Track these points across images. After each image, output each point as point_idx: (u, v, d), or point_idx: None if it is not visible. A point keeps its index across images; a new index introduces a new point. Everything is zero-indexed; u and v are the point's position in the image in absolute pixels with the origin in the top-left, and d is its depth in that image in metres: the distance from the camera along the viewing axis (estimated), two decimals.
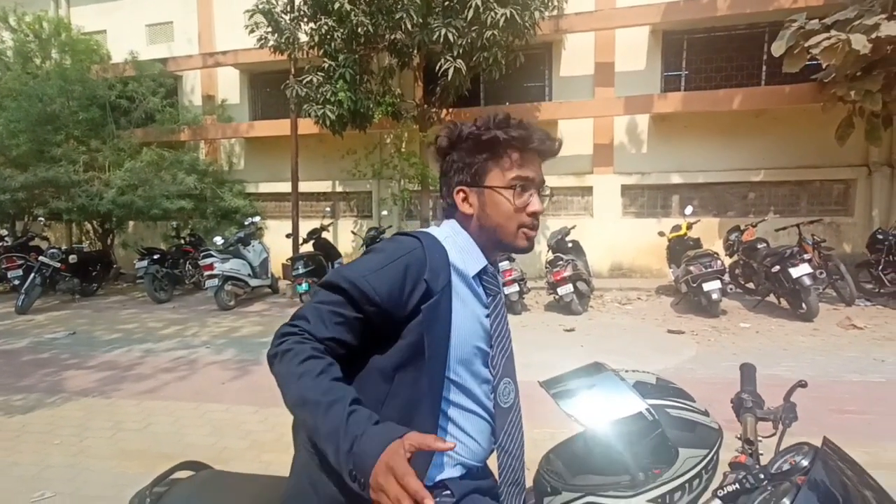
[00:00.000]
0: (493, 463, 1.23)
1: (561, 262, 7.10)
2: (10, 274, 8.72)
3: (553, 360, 4.99)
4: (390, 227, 9.34)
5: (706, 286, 6.56)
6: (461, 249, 1.17)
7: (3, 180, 9.05)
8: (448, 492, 1.11)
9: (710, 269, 6.56)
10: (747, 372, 1.47)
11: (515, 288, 7.05)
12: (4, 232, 10.97)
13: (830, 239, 8.09)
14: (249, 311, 7.95)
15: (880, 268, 6.93)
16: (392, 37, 7.69)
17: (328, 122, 8.18)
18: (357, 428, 0.87)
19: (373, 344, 1.08)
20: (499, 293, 1.21)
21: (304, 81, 8.24)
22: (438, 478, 1.12)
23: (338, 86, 7.96)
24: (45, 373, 5.09)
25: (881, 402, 3.86)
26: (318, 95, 8.11)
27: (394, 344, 1.07)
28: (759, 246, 7.28)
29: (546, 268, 7.56)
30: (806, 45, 6.75)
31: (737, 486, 1.07)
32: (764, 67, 9.12)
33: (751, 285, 7.60)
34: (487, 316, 1.17)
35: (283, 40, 8.35)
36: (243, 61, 10.69)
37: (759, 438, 1.28)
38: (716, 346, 5.45)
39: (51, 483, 3.03)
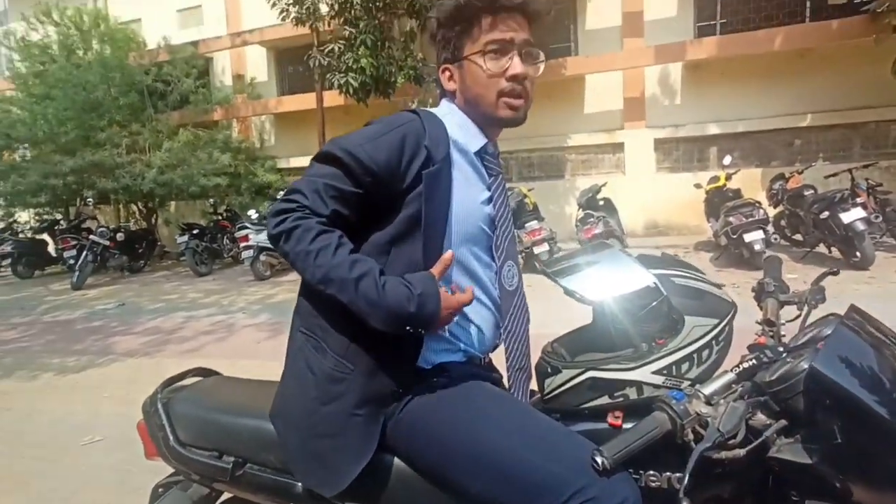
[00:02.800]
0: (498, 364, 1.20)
1: (592, 220, 6.92)
2: (65, 254, 9.23)
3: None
4: None
5: (747, 237, 6.22)
6: (459, 125, 1.13)
7: (54, 166, 9.50)
8: (446, 373, 1.09)
9: (751, 219, 6.21)
10: (772, 263, 1.38)
11: (546, 247, 6.89)
12: (59, 216, 11.62)
13: (888, 184, 7.51)
14: (284, 280, 8.14)
15: None
16: None
17: (351, 90, 8.19)
18: (399, 293, 0.95)
19: (372, 220, 1.05)
20: (500, 174, 1.17)
21: (327, 51, 8.27)
22: (438, 362, 1.10)
23: (359, 52, 7.92)
24: (96, 338, 5.38)
25: None
26: (341, 64, 8.12)
27: (393, 218, 1.04)
28: (806, 193, 6.83)
29: (577, 226, 7.40)
30: None
31: (754, 361, 0.99)
32: (808, 4, 8.48)
33: (798, 237, 7.18)
34: (490, 197, 1.13)
35: (303, 11, 8.34)
36: (269, 38, 10.81)
37: (782, 322, 1.20)
38: None
39: (100, 429, 3.21)
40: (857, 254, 5.83)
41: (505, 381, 1.20)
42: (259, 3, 10.38)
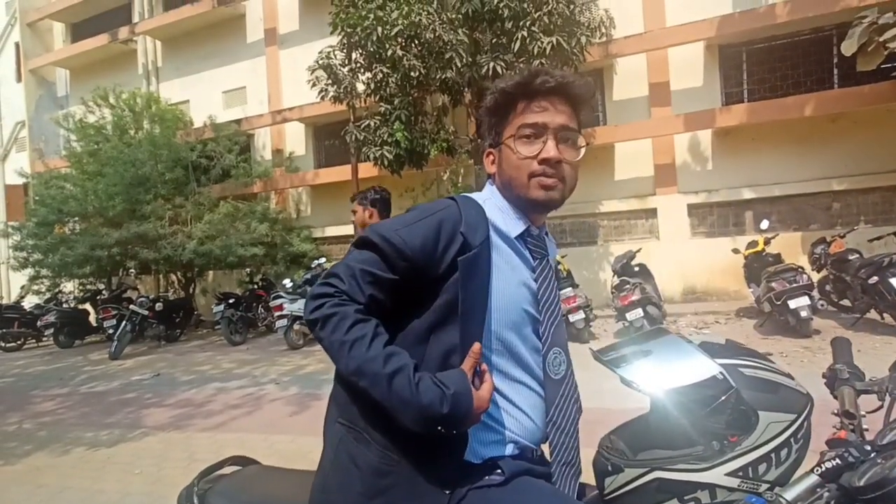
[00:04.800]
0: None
1: (628, 286, 6.77)
2: (105, 324, 9.48)
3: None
4: None
5: (792, 303, 5.98)
6: (500, 209, 1.13)
7: (101, 238, 9.95)
8: (499, 470, 1.03)
9: (795, 285, 6.00)
10: (841, 345, 1.29)
11: (581, 315, 6.76)
12: (101, 286, 12.04)
13: None
14: (316, 349, 8.10)
15: None
16: (443, 76, 7.94)
17: (386, 163, 8.48)
18: (432, 392, 0.92)
19: (410, 306, 1.04)
20: (546, 256, 1.15)
21: (363, 126, 8.65)
22: (489, 456, 1.05)
23: (394, 127, 8.27)
24: (129, 410, 5.39)
25: None
26: (376, 138, 8.46)
27: (430, 305, 1.02)
28: (851, 257, 6.60)
29: (612, 293, 7.25)
30: (881, 39, 6.31)
31: (838, 460, 0.91)
32: (835, 70, 8.57)
33: (846, 302, 6.86)
34: (535, 280, 1.11)
35: (341, 91, 8.84)
36: (307, 115, 11.44)
37: (863, 413, 1.10)
38: (810, 366, 4.91)
39: None
40: None
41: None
42: (298, 81, 11.12)
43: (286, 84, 12.40)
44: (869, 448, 0.93)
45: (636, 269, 7.46)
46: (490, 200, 1.14)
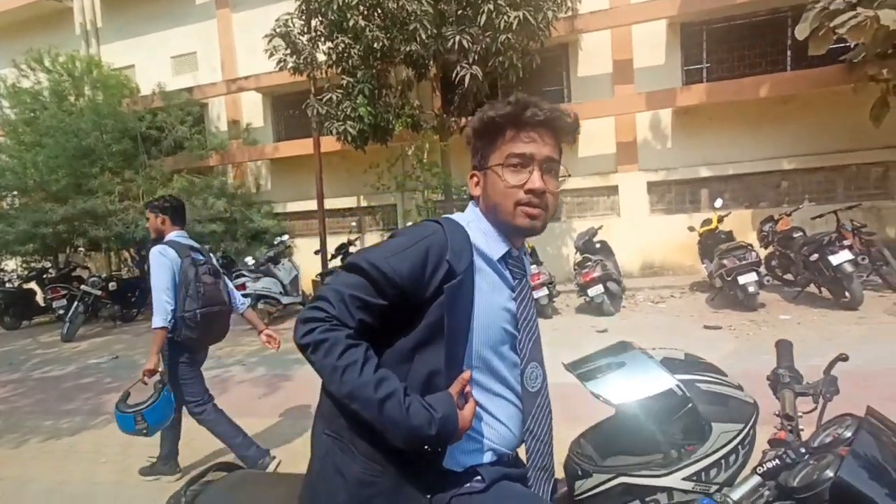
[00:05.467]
0: (522, 452, 1.21)
1: (589, 263, 7.00)
2: (55, 304, 9.09)
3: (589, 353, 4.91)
4: None
5: (741, 279, 6.36)
6: (484, 233, 1.17)
7: (44, 214, 9.44)
8: (479, 477, 1.11)
9: (744, 262, 6.35)
10: (784, 348, 1.41)
11: (545, 291, 6.96)
12: (48, 264, 11.48)
13: (871, 224, 7.70)
14: (282, 328, 8.05)
15: None
16: (407, 49, 7.78)
17: (350, 138, 8.32)
18: (421, 416, 0.99)
19: (396, 326, 1.08)
20: (524, 277, 1.21)
21: (325, 100, 8.41)
22: (470, 464, 1.11)
23: (357, 101, 8.09)
24: (88, 396, 5.26)
25: None
26: (339, 112, 8.26)
27: (416, 326, 1.07)
28: (796, 235, 7.02)
29: (574, 269, 7.47)
30: (831, 25, 6.54)
31: (777, 461, 1.02)
32: (789, 53, 8.86)
33: (789, 276, 7.32)
34: (514, 299, 1.17)
35: (301, 61, 8.55)
36: (265, 85, 10.98)
37: (799, 414, 1.23)
38: (755, 339, 5.26)
39: (99, 500, 3.13)
40: (847, 294, 5.97)
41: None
42: (254, 49, 10.63)
43: (241, 51, 11.84)
44: (803, 450, 1.04)
45: (598, 245, 7.70)
46: (474, 223, 1.18)
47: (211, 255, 3.54)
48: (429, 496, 1.07)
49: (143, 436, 2.89)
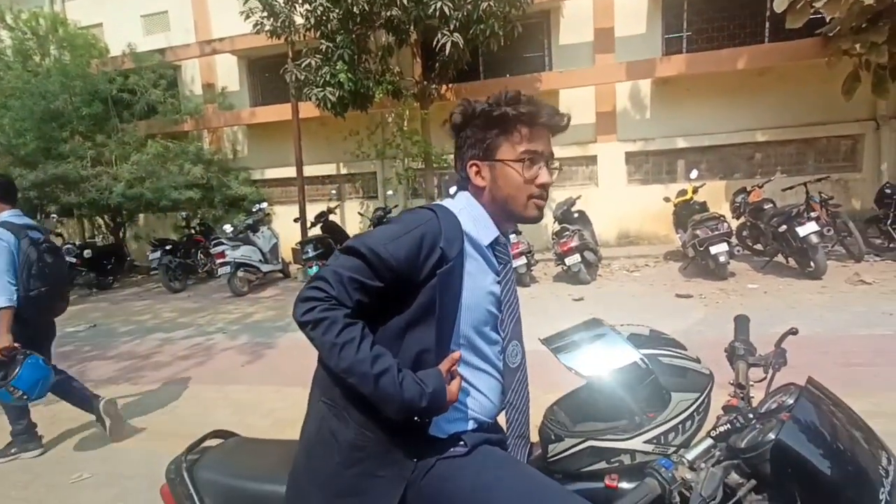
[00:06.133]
0: (502, 420, 1.32)
1: (567, 233, 7.13)
2: None
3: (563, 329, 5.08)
4: (396, 206, 9.40)
5: (713, 249, 6.57)
6: (475, 220, 1.25)
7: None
8: (462, 442, 1.22)
9: (716, 232, 6.56)
10: (741, 323, 1.54)
11: (523, 260, 7.09)
12: None
13: (838, 196, 8.02)
14: (262, 296, 8.10)
15: (889, 222, 6.89)
16: (388, 14, 7.62)
17: (329, 105, 8.19)
18: (413, 390, 1.09)
19: (390, 305, 1.17)
20: (509, 262, 1.30)
21: (303, 65, 8.22)
22: (453, 431, 1.22)
23: (337, 67, 7.94)
24: (68, 365, 5.21)
25: (888, 353, 3.91)
26: (318, 78, 8.10)
27: (409, 305, 1.16)
28: (766, 206, 7.25)
29: (553, 239, 7.61)
30: None
31: (728, 426, 1.14)
32: (767, 25, 8.92)
33: (759, 247, 7.59)
34: (498, 283, 1.26)
35: (278, 24, 8.30)
36: (241, 47, 10.66)
37: (751, 383, 1.35)
38: (724, 307, 5.50)
39: (88, 465, 3.19)
40: (812, 264, 6.23)
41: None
42: (229, 9, 10.29)
43: (214, 10, 11.40)
44: (752, 416, 1.17)
45: (576, 215, 7.82)
46: (465, 210, 1.25)
47: (48, 231, 3.56)
48: (415, 460, 1.17)
49: (29, 401, 3.12)
